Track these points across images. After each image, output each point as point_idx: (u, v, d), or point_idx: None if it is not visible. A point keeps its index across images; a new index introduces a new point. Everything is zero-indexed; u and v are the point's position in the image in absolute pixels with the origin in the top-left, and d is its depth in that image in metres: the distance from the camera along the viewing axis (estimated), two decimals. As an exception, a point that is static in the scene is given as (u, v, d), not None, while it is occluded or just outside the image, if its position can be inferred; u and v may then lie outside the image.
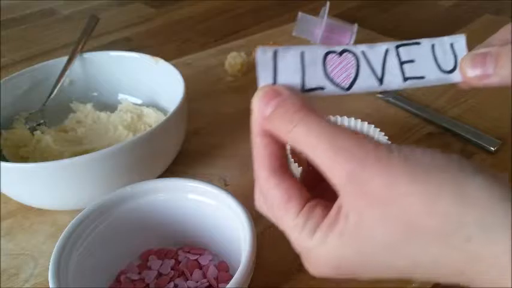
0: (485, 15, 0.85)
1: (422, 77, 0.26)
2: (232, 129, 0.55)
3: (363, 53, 0.25)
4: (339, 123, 0.45)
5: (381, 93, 0.59)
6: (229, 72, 0.67)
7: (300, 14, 0.69)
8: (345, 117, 0.45)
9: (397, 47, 0.26)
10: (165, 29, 0.89)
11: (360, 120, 0.45)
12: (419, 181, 0.19)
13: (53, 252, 0.32)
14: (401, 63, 0.26)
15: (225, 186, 0.47)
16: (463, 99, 0.58)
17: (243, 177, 0.48)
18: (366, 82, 0.25)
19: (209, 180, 0.37)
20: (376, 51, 0.26)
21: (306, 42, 0.71)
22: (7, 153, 0.48)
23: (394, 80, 0.26)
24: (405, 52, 0.26)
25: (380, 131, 0.41)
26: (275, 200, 0.23)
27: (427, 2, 0.94)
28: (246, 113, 0.25)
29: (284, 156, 0.24)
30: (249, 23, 0.88)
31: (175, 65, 0.51)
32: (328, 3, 0.68)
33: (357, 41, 0.69)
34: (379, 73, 0.26)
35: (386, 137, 0.40)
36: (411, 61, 0.26)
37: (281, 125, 0.22)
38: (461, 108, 0.57)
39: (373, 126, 0.42)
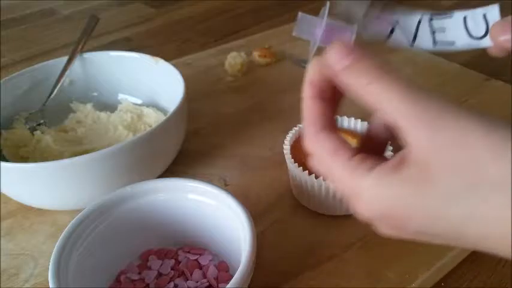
0: (485, 15, 0.85)
1: (452, 42, 0.28)
2: (232, 129, 0.55)
3: (397, 21, 0.28)
4: (339, 123, 0.45)
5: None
6: (229, 72, 0.67)
7: (300, 14, 0.69)
8: (345, 117, 0.45)
9: (431, 19, 0.28)
10: (165, 29, 0.89)
11: (360, 120, 0.45)
12: (491, 135, 0.20)
13: (53, 252, 0.32)
14: (433, 31, 0.28)
15: (225, 186, 0.47)
16: (463, 99, 0.58)
17: (243, 177, 0.48)
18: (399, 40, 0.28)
19: (209, 180, 0.37)
20: (410, 19, 0.28)
21: (306, 42, 0.71)
22: (7, 153, 0.48)
23: (424, 43, 0.28)
24: (437, 23, 0.28)
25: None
26: (324, 151, 0.24)
27: (427, 2, 0.94)
28: (246, 113, 0.26)
29: (333, 117, 0.25)
30: (249, 23, 0.88)
31: (175, 65, 0.51)
32: (328, 3, 0.68)
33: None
34: (411, 36, 0.28)
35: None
36: (442, 29, 0.28)
37: (357, 79, 0.23)
38: (461, 108, 0.57)
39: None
